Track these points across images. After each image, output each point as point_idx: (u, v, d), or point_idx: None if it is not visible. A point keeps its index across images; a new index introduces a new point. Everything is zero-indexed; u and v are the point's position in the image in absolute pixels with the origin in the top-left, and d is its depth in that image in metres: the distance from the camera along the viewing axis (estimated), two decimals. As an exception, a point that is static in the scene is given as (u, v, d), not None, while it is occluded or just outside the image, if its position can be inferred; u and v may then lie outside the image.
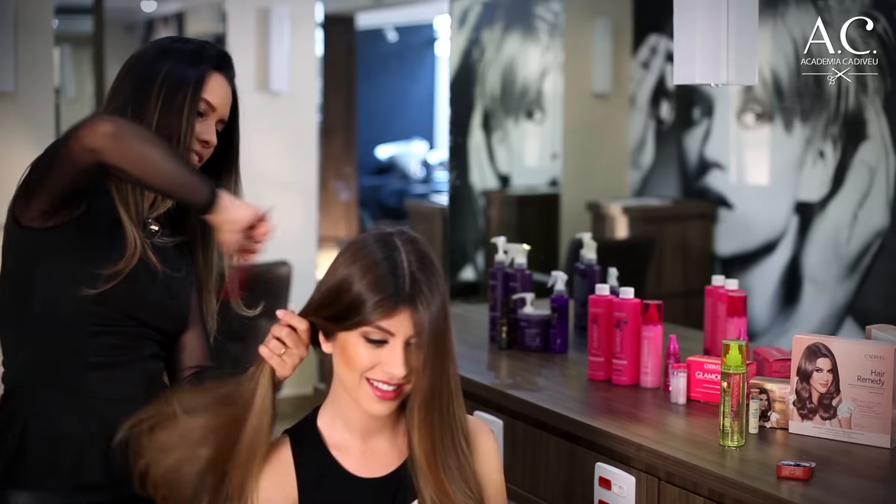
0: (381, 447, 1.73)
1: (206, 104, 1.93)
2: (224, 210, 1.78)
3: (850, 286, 4.39)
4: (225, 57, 2.02)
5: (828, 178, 4.49)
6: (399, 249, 1.64)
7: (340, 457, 1.71)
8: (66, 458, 1.83)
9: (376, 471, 1.72)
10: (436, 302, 1.62)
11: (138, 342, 1.89)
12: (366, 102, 9.60)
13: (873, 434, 2.03)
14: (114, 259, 1.82)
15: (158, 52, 1.95)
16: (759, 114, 4.86)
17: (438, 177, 10.03)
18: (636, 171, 5.59)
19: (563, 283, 2.80)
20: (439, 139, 10.52)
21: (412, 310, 1.61)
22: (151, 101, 1.89)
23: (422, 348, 1.62)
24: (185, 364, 1.99)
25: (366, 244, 1.66)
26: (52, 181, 1.77)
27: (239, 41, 5.55)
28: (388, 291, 1.60)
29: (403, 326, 1.61)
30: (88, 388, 1.85)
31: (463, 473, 1.70)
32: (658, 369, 2.46)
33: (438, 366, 1.64)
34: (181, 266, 1.97)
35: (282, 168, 5.68)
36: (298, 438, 1.72)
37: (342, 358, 1.66)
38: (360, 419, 1.70)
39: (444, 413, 1.67)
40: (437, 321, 1.62)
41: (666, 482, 2.03)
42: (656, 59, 5.45)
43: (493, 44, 5.62)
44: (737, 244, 5.02)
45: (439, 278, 1.65)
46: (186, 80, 1.91)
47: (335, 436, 1.72)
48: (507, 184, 5.71)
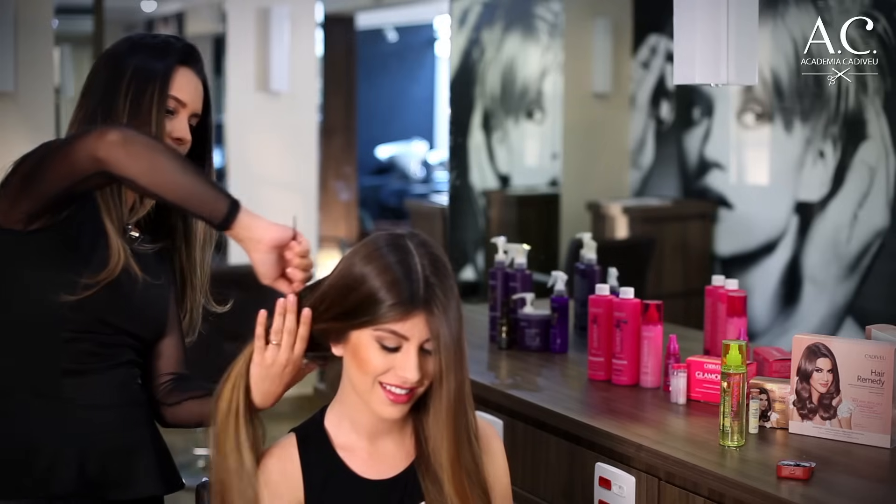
0: (389, 449, 1.73)
1: (175, 101, 1.88)
2: (245, 227, 1.71)
3: (850, 286, 4.39)
4: (190, 50, 1.95)
5: (828, 178, 4.49)
6: (412, 253, 1.63)
7: (347, 458, 1.71)
8: (40, 464, 1.79)
9: (383, 472, 1.72)
10: (451, 306, 1.62)
11: (115, 349, 1.86)
12: (366, 102, 9.60)
13: (873, 434, 2.03)
14: (95, 267, 1.79)
15: (126, 49, 1.91)
16: (759, 114, 4.86)
17: (438, 177, 10.03)
18: (636, 171, 5.59)
19: (563, 283, 2.80)
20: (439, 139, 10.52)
21: (427, 314, 1.60)
22: (120, 102, 1.86)
23: (439, 352, 1.62)
24: (162, 370, 1.96)
25: (378, 246, 1.65)
26: (46, 186, 1.74)
27: (239, 41, 5.55)
28: (404, 295, 1.59)
29: (418, 330, 1.61)
30: (64, 395, 1.82)
31: (478, 476, 1.71)
32: (658, 369, 2.46)
33: (460, 370, 1.64)
34: (161, 273, 1.94)
35: (282, 168, 5.68)
36: (305, 438, 1.72)
37: (354, 361, 1.65)
38: (368, 421, 1.70)
39: (465, 417, 1.68)
40: (454, 326, 1.62)
41: (666, 482, 2.03)
42: (656, 59, 5.45)
43: (493, 44, 5.62)
44: (737, 244, 5.03)
45: (452, 281, 1.64)
46: (153, 79, 1.87)
47: (342, 436, 1.72)
48: (507, 184, 5.71)
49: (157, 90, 1.86)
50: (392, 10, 9.26)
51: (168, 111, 1.88)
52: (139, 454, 1.88)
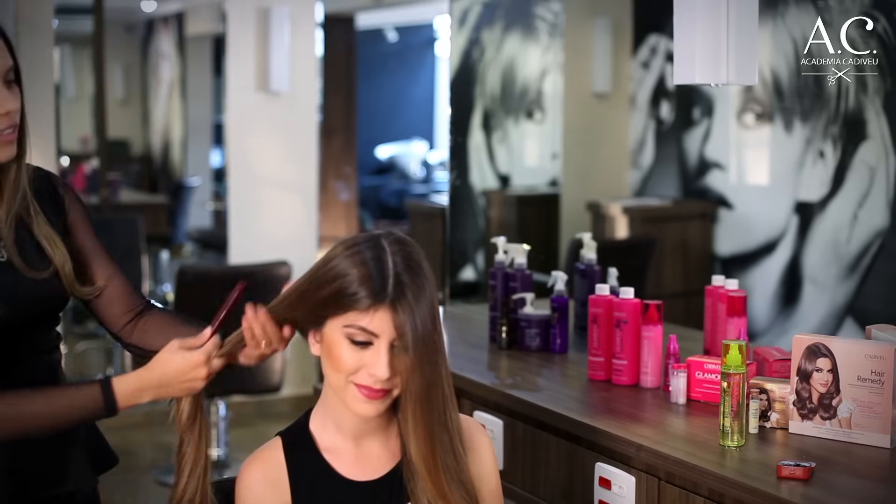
0: (374, 450, 1.73)
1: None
2: (137, 387, 1.70)
3: (850, 286, 4.39)
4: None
5: (828, 178, 4.49)
6: (386, 251, 1.64)
7: (333, 460, 1.71)
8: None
9: (369, 474, 1.72)
10: (421, 305, 1.62)
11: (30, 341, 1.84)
12: (366, 102, 9.60)
13: (873, 434, 2.03)
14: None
15: None
16: (759, 114, 4.86)
17: (438, 177, 10.04)
18: (636, 171, 5.59)
19: (563, 283, 2.80)
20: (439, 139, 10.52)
21: (392, 312, 1.61)
22: None
23: (407, 351, 1.62)
24: (121, 312, 1.93)
25: (356, 243, 1.67)
26: None
27: (239, 41, 5.55)
28: (373, 290, 1.60)
29: (386, 327, 1.61)
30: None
31: (460, 475, 1.70)
32: (658, 369, 2.46)
33: (429, 369, 1.64)
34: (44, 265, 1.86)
35: (282, 168, 5.68)
36: (290, 441, 1.72)
37: (328, 360, 1.66)
38: (351, 421, 1.70)
39: (440, 416, 1.67)
40: (422, 324, 1.62)
41: (666, 482, 2.03)
42: (656, 59, 5.45)
43: (493, 44, 5.62)
44: (737, 244, 5.03)
45: (425, 281, 1.64)
46: None
47: (327, 439, 1.72)
48: (507, 184, 5.71)
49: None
50: (392, 10, 9.26)
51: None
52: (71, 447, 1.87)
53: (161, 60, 7.22)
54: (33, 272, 1.82)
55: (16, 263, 1.81)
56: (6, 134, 1.79)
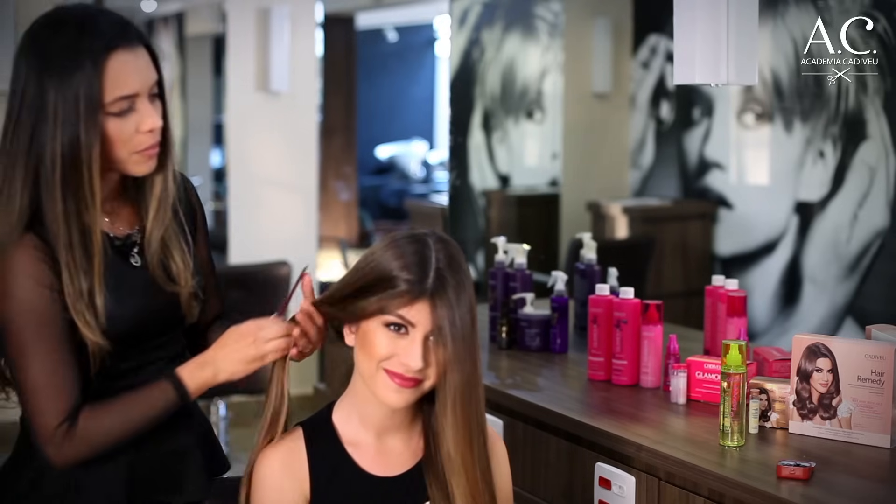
0: (396, 446, 1.74)
1: (120, 102, 1.69)
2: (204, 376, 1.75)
3: (850, 286, 4.39)
4: (120, 29, 1.71)
5: (828, 178, 4.49)
6: (430, 247, 1.66)
7: (355, 453, 1.72)
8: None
9: (390, 470, 1.73)
10: (462, 302, 1.64)
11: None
12: (366, 102, 9.60)
13: (873, 434, 2.03)
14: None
15: (38, 56, 1.68)
16: (759, 114, 4.86)
17: (438, 177, 10.03)
18: (636, 171, 5.59)
19: (563, 283, 2.80)
20: (439, 139, 10.52)
21: (431, 305, 1.62)
22: (49, 129, 1.67)
23: (446, 346, 1.63)
24: (205, 322, 1.95)
25: (399, 237, 1.69)
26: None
27: (239, 41, 5.55)
28: (414, 280, 1.62)
29: (423, 319, 1.63)
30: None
31: (487, 476, 1.71)
32: (658, 369, 2.46)
33: (469, 365, 1.65)
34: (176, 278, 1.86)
35: (282, 168, 5.68)
36: (312, 431, 1.73)
37: (363, 347, 1.67)
38: (377, 415, 1.71)
39: (478, 416, 1.68)
40: (462, 320, 1.64)
41: (666, 482, 2.03)
42: (656, 59, 5.45)
43: (493, 44, 5.62)
44: (737, 244, 5.02)
45: (466, 281, 1.66)
46: (75, 97, 1.65)
47: (350, 432, 1.73)
48: (507, 184, 5.71)
49: (85, 109, 1.65)
50: (392, 10, 9.26)
51: (114, 114, 1.70)
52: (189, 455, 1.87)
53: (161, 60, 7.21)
54: (171, 285, 1.83)
55: (157, 278, 1.81)
56: (149, 150, 1.75)
